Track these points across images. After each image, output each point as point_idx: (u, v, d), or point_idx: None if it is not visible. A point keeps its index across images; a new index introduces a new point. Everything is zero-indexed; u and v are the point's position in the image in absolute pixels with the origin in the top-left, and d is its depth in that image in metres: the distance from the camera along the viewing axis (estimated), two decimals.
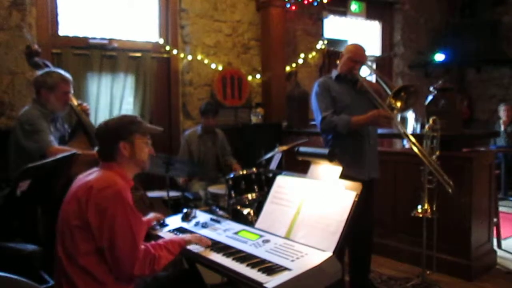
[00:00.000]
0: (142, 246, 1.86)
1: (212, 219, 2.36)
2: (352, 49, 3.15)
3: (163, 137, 4.93)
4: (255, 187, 3.41)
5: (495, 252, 3.97)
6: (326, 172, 2.21)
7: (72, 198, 1.88)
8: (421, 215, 3.25)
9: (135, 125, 2.02)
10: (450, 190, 3.02)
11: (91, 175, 1.96)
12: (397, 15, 7.21)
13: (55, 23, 4.28)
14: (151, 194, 3.87)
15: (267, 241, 2.00)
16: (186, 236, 2.06)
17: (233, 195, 3.36)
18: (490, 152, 4.30)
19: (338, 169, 2.17)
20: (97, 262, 1.81)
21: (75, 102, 3.22)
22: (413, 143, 2.97)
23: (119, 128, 1.99)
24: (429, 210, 3.23)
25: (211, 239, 2.08)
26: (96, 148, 2.04)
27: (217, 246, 2.02)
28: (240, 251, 1.94)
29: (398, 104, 2.87)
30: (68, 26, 4.37)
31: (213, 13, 5.13)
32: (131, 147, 1.98)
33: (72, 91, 3.09)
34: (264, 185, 3.42)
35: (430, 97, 3.92)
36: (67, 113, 3.67)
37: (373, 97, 2.99)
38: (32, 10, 4.04)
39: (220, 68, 5.16)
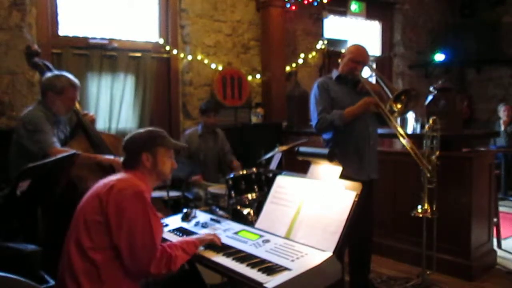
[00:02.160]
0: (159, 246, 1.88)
1: (212, 219, 2.36)
2: (353, 49, 3.15)
3: None
4: (255, 187, 3.40)
5: (495, 252, 3.97)
6: (326, 172, 2.21)
7: (93, 196, 1.93)
8: (421, 215, 3.25)
9: (160, 138, 2.09)
10: (428, 174, 3.13)
11: (113, 177, 2.01)
12: (397, 15, 7.21)
13: (55, 23, 4.27)
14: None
15: (267, 241, 2.00)
16: (200, 236, 2.07)
17: (233, 195, 3.36)
18: (490, 152, 4.30)
19: (338, 169, 2.17)
20: (109, 258, 1.84)
21: (77, 105, 3.21)
22: (397, 128, 3.04)
23: (144, 140, 2.07)
24: (429, 210, 3.23)
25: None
26: (122, 158, 2.12)
27: (217, 246, 2.02)
28: (240, 251, 1.94)
29: (398, 106, 2.88)
30: (68, 26, 4.37)
31: (213, 13, 5.14)
32: (153, 159, 2.05)
33: (78, 98, 3.08)
34: (264, 185, 3.42)
35: (430, 97, 3.92)
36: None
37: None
38: (32, 10, 4.04)
39: (220, 68, 5.16)
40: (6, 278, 1.56)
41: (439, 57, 7.13)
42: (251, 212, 3.29)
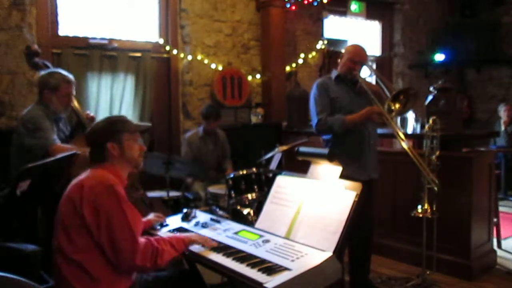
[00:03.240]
0: (143, 239, 1.87)
1: (212, 219, 2.36)
2: (352, 49, 3.15)
3: (163, 137, 4.94)
4: (255, 187, 3.41)
5: (495, 252, 3.97)
6: (326, 172, 2.21)
7: (66, 200, 1.90)
8: (421, 215, 3.25)
9: (121, 124, 2.03)
10: (436, 189, 3.08)
11: (83, 175, 1.97)
12: (397, 15, 7.21)
13: (55, 23, 4.28)
14: (151, 194, 3.87)
15: (267, 241, 2.00)
16: (192, 235, 2.07)
17: (233, 195, 3.36)
18: (490, 152, 4.30)
19: (338, 169, 2.17)
20: (93, 258, 1.83)
21: (75, 102, 3.22)
22: (401, 139, 3.00)
23: (105, 129, 2.00)
24: (429, 210, 3.23)
25: (211, 239, 2.08)
26: (87, 151, 2.06)
27: (217, 246, 2.02)
28: (240, 251, 1.94)
29: (397, 106, 2.87)
30: (68, 26, 4.37)
31: (213, 13, 5.14)
32: (119, 146, 1.99)
33: (74, 93, 3.08)
34: (264, 185, 3.42)
35: (430, 97, 3.92)
36: (68, 114, 3.67)
37: (372, 99, 2.99)
38: (32, 10, 4.04)
39: (220, 68, 5.16)
40: (6, 278, 1.56)
41: (439, 57, 7.13)
42: (251, 212, 3.29)
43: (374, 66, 7.00)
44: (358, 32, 6.75)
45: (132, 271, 1.92)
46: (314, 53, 5.98)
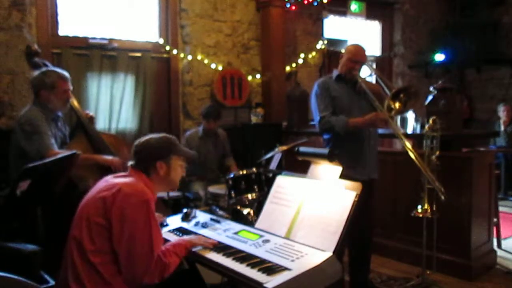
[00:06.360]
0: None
1: (212, 219, 2.36)
2: (352, 49, 3.15)
3: None
4: (255, 187, 3.41)
5: (495, 252, 3.97)
6: (326, 172, 2.21)
7: (98, 196, 1.91)
8: (421, 215, 3.25)
9: (174, 146, 2.09)
10: (442, 197, 3.01)
11: (120, 178, 1.98)
12: (397, 15, 7.21)
13: (55, 23, 4.28)
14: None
15: (267, 241, 2.00)
16: (192, 238, 2.07)
17: (233, 195, 3.36)
18: (490, 152, 4.31)
19: (338, 169, 2.17)
20: (107, 262, 1.83)
21: (75, 102, 3.21)
22: (409, 149, 2.95)
23: (160, 147, 2.05)
24: (429, 210, 3.22)
25: (211, 239, 2.08)
26: (131, 163, 2.07)
27: (217, 246, 2.02)
28: (240, 251, 1.94)
29: (397, 105, 2.85)
30: (68, 26, 4.37)
31: (213, 13, 5.14)
32: (167, 167, 2.04)
33: (71, 88, 3.06)
34: (264, 185, 3.42)
35: (430, 97, 3.92)
36: (68, 114, 3.67)
37: (371, 99, 2.99)
38: (32, 10, 4.05)
39: (220, 68, 5.16)
40: (6, 278, 1.56)
41: (439, 57, 7.14)
42: (251, 212, 3.29)
43: (374, 66, 6.99)
44: (358, 32, 6.75)
45: (138, 284, 1.90)
46: (314, 53, 5.98)
